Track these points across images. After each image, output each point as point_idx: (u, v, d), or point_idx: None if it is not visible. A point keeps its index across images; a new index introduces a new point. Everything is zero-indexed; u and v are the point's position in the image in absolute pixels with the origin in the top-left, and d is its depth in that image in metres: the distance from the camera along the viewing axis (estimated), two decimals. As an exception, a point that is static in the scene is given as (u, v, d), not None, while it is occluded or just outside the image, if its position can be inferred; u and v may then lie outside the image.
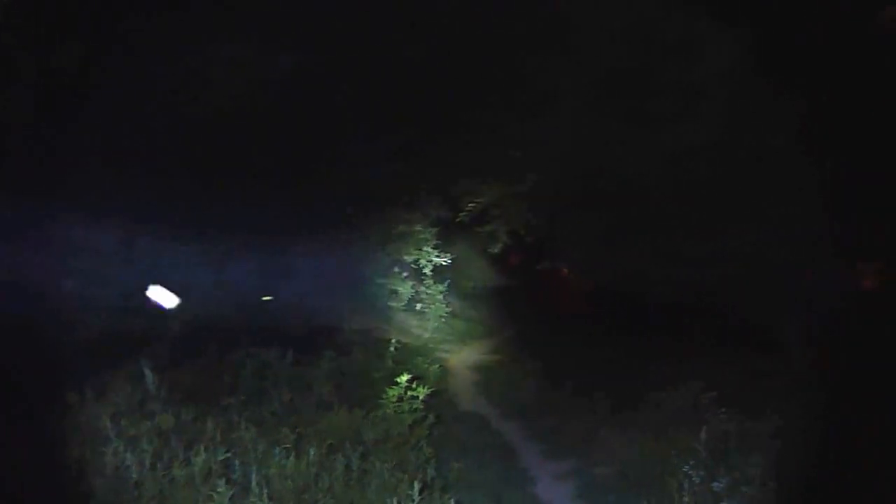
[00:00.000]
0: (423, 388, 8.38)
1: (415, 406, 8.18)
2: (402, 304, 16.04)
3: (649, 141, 11.97)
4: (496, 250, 17.85)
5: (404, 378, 8.30)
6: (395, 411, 8.21)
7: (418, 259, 16.29)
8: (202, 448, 6.45)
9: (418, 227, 16.19)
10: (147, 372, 7.65)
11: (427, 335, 15.50)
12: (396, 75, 12.32)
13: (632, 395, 10.27)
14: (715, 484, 6.42)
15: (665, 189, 12.17)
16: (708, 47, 11.00)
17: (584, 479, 8.09)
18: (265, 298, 12.22)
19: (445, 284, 16.57)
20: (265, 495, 5.93)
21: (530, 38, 12.24)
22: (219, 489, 5.84)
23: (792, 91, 10.20)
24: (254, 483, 6.04)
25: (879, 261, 13.17)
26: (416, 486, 6.10)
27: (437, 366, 12.64)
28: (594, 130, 12.58)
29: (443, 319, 16.46)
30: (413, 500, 5.97)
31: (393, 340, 12.07)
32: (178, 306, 10.56)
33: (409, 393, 8.26)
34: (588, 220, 13.71)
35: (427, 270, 16.40)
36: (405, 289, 16.09)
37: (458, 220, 16.60)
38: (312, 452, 6.78)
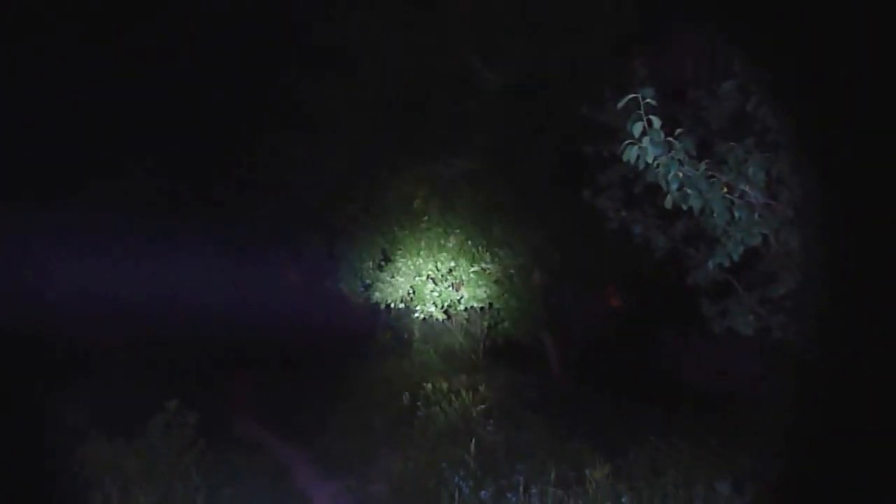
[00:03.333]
0: (194, 412, 7.95)
1: (184, 432, 7.73)
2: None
3: (423, 168, 12.57)
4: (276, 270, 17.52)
5: (173, 404, 7.82)
6: (161, 439, 7.71)
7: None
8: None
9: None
10: None
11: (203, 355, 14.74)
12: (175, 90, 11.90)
13: (407, 411, 10.55)
14: (483, 493, 6.78)
15: (434, 213, 12.81)
16: (477, 81, 11.80)
17: (360, 497, 8.15)
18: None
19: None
20: (5, 541, 5.28)
21: (311, 63, 12.41)
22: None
23: (544, 123, 11.24)
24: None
25: (622, 283, 14.73)
26: (183, 517, 5.79)
27: (212, 387, 12.11)
28: (371, 156, 12.95)
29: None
30: (180, 532, 5.65)
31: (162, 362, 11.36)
32: None
33: (179, 419, 7.80)
34: (365, 243, 13.95)
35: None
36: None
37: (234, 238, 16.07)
38: (64, 488, 6.18)
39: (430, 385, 10.91)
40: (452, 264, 12.72)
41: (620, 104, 4.62)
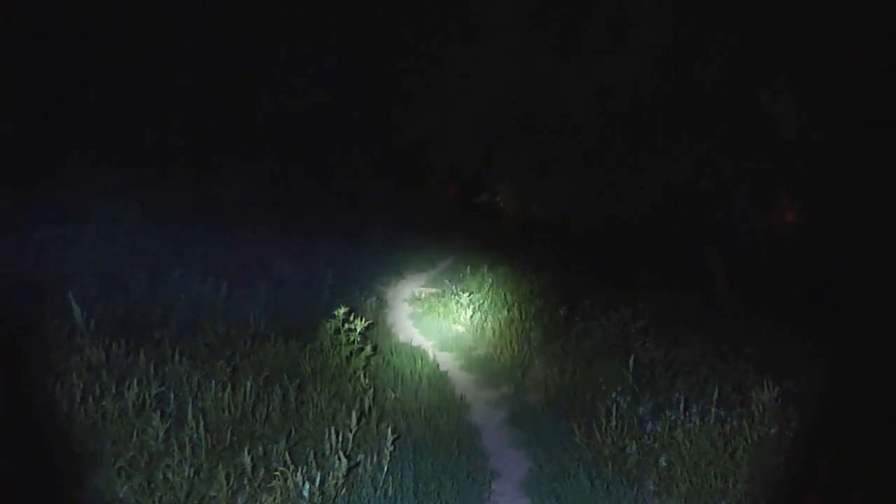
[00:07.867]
0: (361, 320, 8.40)
1: (352, 338, 8.21)
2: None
3: (580, 73, 11.98)
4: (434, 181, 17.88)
5: (342, 311, 8.29)
6: (332, 343, 8.24)
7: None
8: (135, 381, 6.36)
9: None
10: (74, 305, 7.45)
11: (363, 268, 15.47)
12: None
13: (563, 324, 10.55)
14: (640, 409, 6.71)
15: (595, 121, 12.25)
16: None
17: (517, 405, 8.33)
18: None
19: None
20: (201, 427, 5.91)
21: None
22: (153, 422, 5.80)
23: (720, 23, 10.31)
24: (189, 415, 6.00)
25: (798, 194, 13.64)
26: (354, 415, 6.19)
27: (375, 298, 12.69)
28: (527, 61, 12.52)
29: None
30: (350, 430, 6.05)
31: (329, 273, 12.01)
32: (106, 237, 10.26)
33: (347, 325, 8.28)
34: (523, 151, 13.75)
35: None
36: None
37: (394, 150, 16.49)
38: (249, 384, 6.78)
39: (587, 297, 10.84)
40: (613, 175, 12.32)
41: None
